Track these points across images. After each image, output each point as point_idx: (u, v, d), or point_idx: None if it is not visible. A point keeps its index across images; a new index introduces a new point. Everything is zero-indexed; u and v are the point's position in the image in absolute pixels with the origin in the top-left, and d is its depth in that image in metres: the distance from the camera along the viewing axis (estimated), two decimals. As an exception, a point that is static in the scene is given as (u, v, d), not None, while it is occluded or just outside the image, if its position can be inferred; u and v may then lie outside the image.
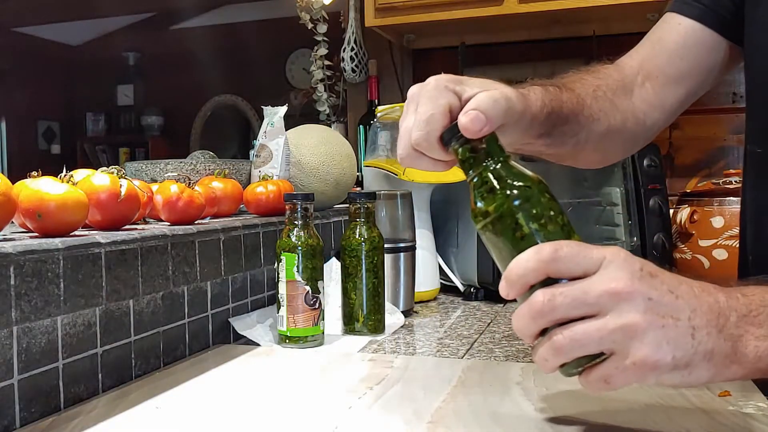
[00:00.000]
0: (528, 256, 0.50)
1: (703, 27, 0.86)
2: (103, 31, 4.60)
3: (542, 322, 0.50)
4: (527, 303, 0.50)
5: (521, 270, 0.50)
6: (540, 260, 0.50)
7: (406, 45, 2.38)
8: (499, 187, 0.55)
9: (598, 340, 0.48)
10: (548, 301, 0.49)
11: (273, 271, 1.02)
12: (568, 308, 0.49)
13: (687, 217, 1.46)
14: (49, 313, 0.66)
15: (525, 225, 0.53)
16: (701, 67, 0.87)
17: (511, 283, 0.51)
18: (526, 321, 0.50)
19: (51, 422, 0.66)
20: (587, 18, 2.13)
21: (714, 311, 0.50)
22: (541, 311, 0.49)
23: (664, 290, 0.49)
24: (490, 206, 0.54)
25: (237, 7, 4.14)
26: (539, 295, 0.49)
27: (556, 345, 0.49)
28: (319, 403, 0.70)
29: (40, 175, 0.82)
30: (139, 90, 4.69)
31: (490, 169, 0.56)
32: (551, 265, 0.49)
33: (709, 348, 0.49)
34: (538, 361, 0.52)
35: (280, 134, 1.19)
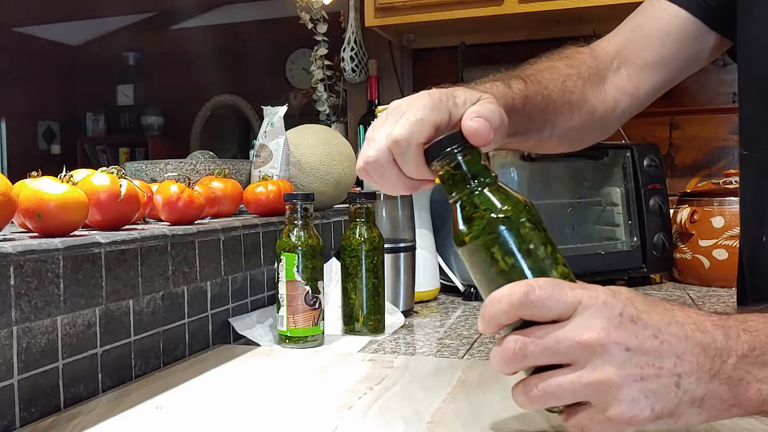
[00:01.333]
0: (500, 297, 0.48)
1: (688, 15, 0.84)
2: (103, 31, 4.59)
3: (515, 367, 0.49)
4: (501, 347, 0.48)
5: (493, 311, 0.48)
6: (511, 303, 0.47)
7: (406, 45, 2.38)
8: (476, 216, 0.52)
9: (572, 393, 0.47)
10: (519, 350, 0.47)
11: (273, 271, 1.02)
12: (540, 357, 0.47)
13: (687, 217, 1.46)
14: (49, 313, 0.66)
15: (501, 260, 0.50)
16: (682, 56, 0.85)
17: (486, 323, 0.50)
18: (500, 363, 0.49)
19: (51, 422, 0.66)
20: (587, 18, 2.13)
21: (708, 353, 0.46)
22: (513, 358, 0.48)
23: (646, 336, 0.46)
24: (467, 236, 0.52)
25: (237, 7, 4.13)
26: (510, 341, 0.48)
27: (530, 394, 0.48)
28: (319, 403, 0.70)
29: (40, 175, 0.82)
30: (139, 90, 4.69)
31: (472, 193, 0.53)
32: (522, 309, 0.47)
33: (698, 395, 0.46)
34: (516, 403, 0.50)
35: (280, 134, 1.19)
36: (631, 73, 0.85)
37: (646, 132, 2.02)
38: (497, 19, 2.03)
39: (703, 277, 1.45)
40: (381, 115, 0.60)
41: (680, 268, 1.49)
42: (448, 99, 0.57)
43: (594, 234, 1.54)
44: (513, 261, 0.50)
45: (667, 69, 0.86)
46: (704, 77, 2.01)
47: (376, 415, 0.66)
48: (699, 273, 1.45)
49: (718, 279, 1.42)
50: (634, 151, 1.50)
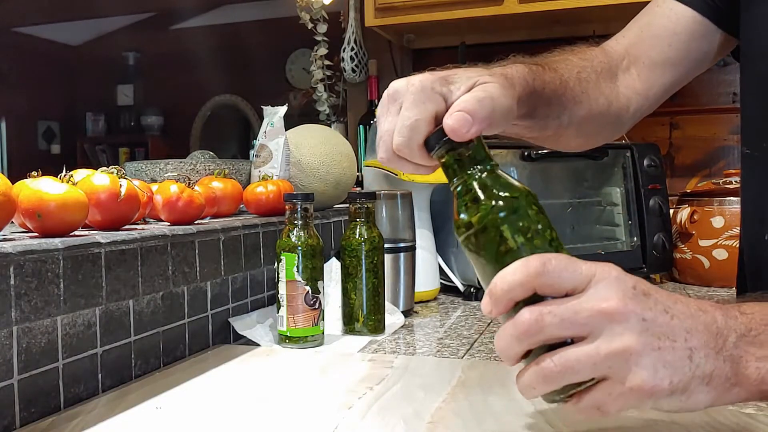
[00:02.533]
0: (514, 269, 0.47)
1: (695, 14, 0.84)
2: (103, 31, 4.59)
3: (528, 342, 0.47)
4: (512, 322, 0.47)
5: (507, 285, 0.47)
6: (527, 274, 0.46)
7: (406, 45, 2.38)
8: (484, 197, 0.52)
9: (592, 366, 0.46)
10: (535, 321, 0.46)
11: (273, 271, 1.02)
12: (557, 329, 0.46)
13: (687, 217, 1.46)
14: (49, 313, 0.66)
15: (510, 238, 0.50)
16: (690, 55, 0.85)
17: (496, 299, 0.48)
18: (511, 341, 0.47)
19: (51, 422, 0.66)
20: (587, 18, 2.13)
21: (711, 331, 0.48)
22: (527, 331, 0.46)
23: (659, 310, 0.47)
24: (474, 217, 0.51)
25: (237, 7, 4.13)
26: (525, 313, 0.46)
27: (545, 371, 0.46)
28: (319, 403, 0.70)
29: (40, 175, 0.82)
30: (139, 90, 4.69)
31: (475, 177, 0.53)
32: (539, 279, 0.46)
33: (707, 371, 0.47)
34: (522, 389, 0.49)
35: (280, 134, 1.19)
36: (640, 72, 0.85)
37: (646, 132, 2.02)
38: (497, 19, 2.03)
39: (703, 277, 1.45)
40: (383, 101, 0.62)
41: (680, 268, 1.49)
42: (442, 85, 0.57)
43: (594, 234, 1.54)
44: (522, 240, 0.50)
45: (676, 68, 0.86)
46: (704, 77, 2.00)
47: (376, 415, 0.66)
48: (699, 273, 1.45)
49: (718, 279, 1.42)
50: (634, 151, 1.50)
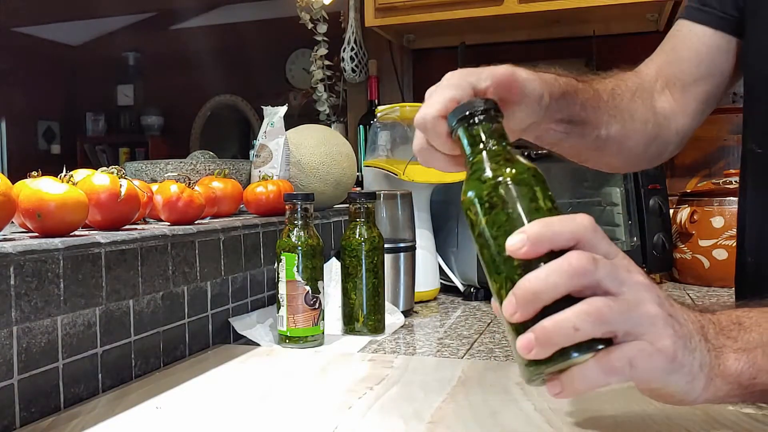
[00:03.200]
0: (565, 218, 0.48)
1: (715, 31, 0.86)
2: (103, 31, 4.59)
3: (581, 281, 0.46)
4: (564, 262, 0.46)
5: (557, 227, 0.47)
6: (578, 224, 0.47)
7: (406, 45, 2.38)
8: (517, 159, 0.52)
9: (635, 320, 0.47)
10: (593, 261, 0.46)
11: (273, 271, 1.02)
12: (606, 276, 0.46)
13: (687, 217, 1.46)
14: (49, 313, 0.66)
15: (542, 200, 0.51)
16: (718, 70, 0.88)
17: (536, 241, 0.47)
18: (558, 278, 0.46)
19: (51, 422, 0.66)
20: (587, 18, 2.13)
21: (696, 323, 0.51)
22: (585, 270, 0.46)
23: (663, 296, 0.50)
24: (510, 174, 0.51)
25: (237, 7, 4.14)
26: (580, 255, 0.46)
27: (598, 310, 0.45)
28: (319, 403, 0.70)
29: (40, 175, 0.82)
30: (139, 90, 4.69)
31: (502, 145, 0.54)
32: (586, 233, 0.48)
33: (701, 356, 0.49)
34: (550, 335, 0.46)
35: (280, 134, 1.19)
36: (674, 93, 0.88)
37: (646, 132, 2.02)
38: (497, 19, 2.03)
39: (702, 277, 1.45)
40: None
41: (680, 268, 1.49)
42: (471, 74, 0.59)
43: (594, 234, 1.54)
44: (550, 204, 0.51)
45: (708, 83, 0.88)
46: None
47: (376, 415, 0.66)
48: (699, 273, 1.45)
49: (718, 279, 1.42)
50: (634, 151, 1.50)
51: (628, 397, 0.68)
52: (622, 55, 2.40)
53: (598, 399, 0.67)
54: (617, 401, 0.67)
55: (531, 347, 0.46)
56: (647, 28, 2.21)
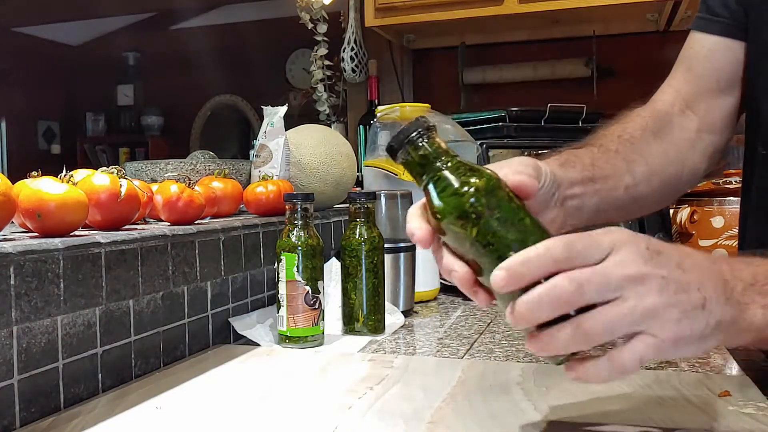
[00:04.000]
0: (539, 254, 0.49)
1: (727, 39, 0.86)
2: (103, 31, 4.60)
3: (564, 308, 0.49)
4: (549, 288, 0.48)
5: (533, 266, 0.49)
6: (554, 260, 0.49)
7: (406, 45, 2.38)
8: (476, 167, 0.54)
9: (629, 323, 0.48)
10: (576, 289, 0.48)
11: (273, 271, 1.02)
12: (594, 294, 0.48)
13: (687, 217, 1.46)
14: (49, 313, 0.66)
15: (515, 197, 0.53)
16: (736, 79, 0.87)
17: (517, 278, 0.49)
18: (546, 307, 0.49)
19: (51, 422, 0.66)
20: (587, 18, 2.13)
21: (720, 281, 0.51)
22: (568, 299, 0.48)
23: (672, 266, 0.50)
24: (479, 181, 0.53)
25: (237, 7, 4.14)
26: (564, 281, 0.48)
27: (587, 329, 0.48)
28: (319, 403, 0.70)
29: (40, 175, 0.82)
30: (139, 90, 4.69)
31: (456, 158, 0.56)
32: (568, 263, 0.49)
33: (718, 317, 0.50)
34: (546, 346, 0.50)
35: (280, 134, 1.19)
36: (697, 111, 0.87)
37: (646, 132, 2.01)
38: (497, 19, 2.03)
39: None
40: None
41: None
42: None
43: (594, 234, 1.54)
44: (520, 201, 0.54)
45: (730, 95, 0.88)
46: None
47: (376, 415, 0.66)
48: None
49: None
50: (634, 151, 1.50)
51: (629, 396, 0.68)
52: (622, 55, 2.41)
53: (598, 399, 0.67)
54: (618, 400, 0.67)
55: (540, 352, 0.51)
56: (647, 28, 2.21)
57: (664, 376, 0.76)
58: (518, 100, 1.74)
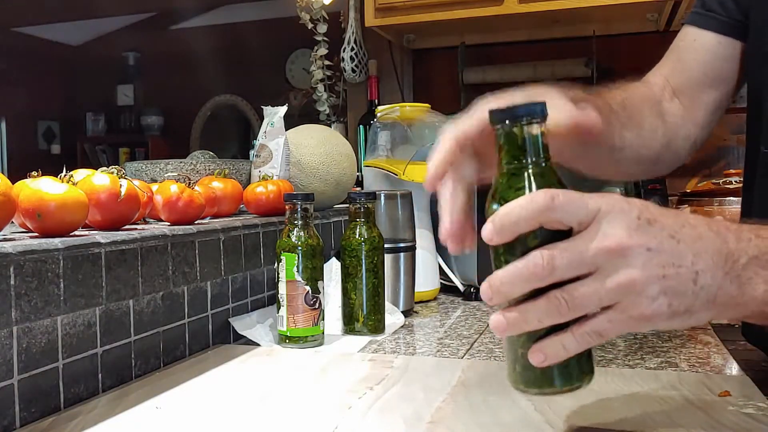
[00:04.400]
0: (521, 203, 0.48)
1: (720, 36, 0.86)
2: (103, 31, 4.59)
3: (537, 284, 0.48)
4: (523, 265, 0.48)
5: (515, 216, 0.48)
6: (535, 209, 0.47)
7: (406, 45, 2.38)
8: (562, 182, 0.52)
9: (598, 300, 0.48)
10: (548, 264, 0.47)
11: (273, 271, 1.02)
12: (567, 270, 0.47)
13: (687, 217, 1.47)
14: (49, 313, 0.66)
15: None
16: (725, 76, 0.88)
17: (500, 228, 0.48)
18: (519, 282, 0.48)
19: (51, 422, 0.66)
20: (587, 18, 2.13)
21: (722, 253, 0.49)
22: (539, 273, 0.47)
23: (663, 236, 0.48)
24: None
25: (237, 7, 4.13)
26: (537, 257, 0.47)
27: (556, 306, 0.48)
28: (319, 403, 0.70)
29: (40, 175, 0.82)
30: (139, 90, 4.69)
31: (549, 161, 0.52)
32: (546, 214, 0.47)
33: (713, 292, 0.49)
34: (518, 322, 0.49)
35: (280, 134, 1.19)
36: (683, 101, 0.88)
37: (646, 132, 2.02)
38: (497, 19, 2.03)
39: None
40: None
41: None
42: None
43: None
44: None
45: (715, 91, 0.88)
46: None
47: (376, 415, 0.66)
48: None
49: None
50: (634, 151, 1.50)
51: (629, 396, 0.68)
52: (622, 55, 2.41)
53: (598, 398, 0.67)
54: (618, 400, 0.67)
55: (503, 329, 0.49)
56: (647, 28, 2.21)
57: (664, 376, 0.76)
58: (518, 100, 1.73)
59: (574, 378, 0.50)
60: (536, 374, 0.50)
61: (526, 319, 0.48)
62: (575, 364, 0.50)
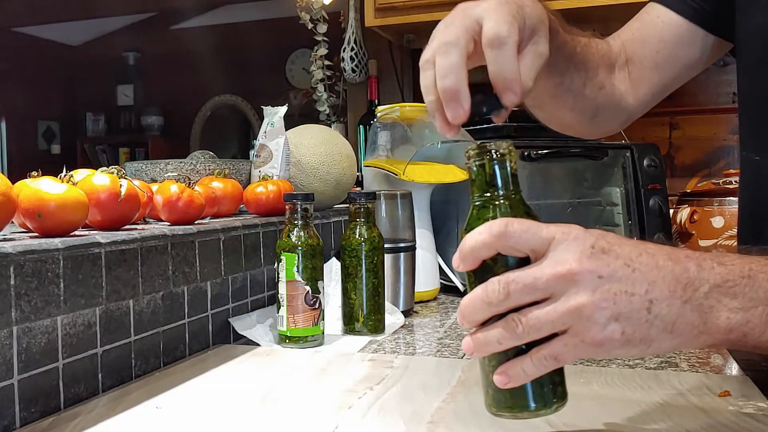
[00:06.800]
0: (480, 230, 0.50)
1: (683, 20, 0.86)
2: (103, 31, 4.59)
3: (495, 309, 0.50)
4: (482, 291, 0.50)
5: (473, 243, 0.50)
6: (491, 235, 0.50)
7: (406, 45, 2.38)
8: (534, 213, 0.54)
9: (550, 324, 0.49)
10: (503, 289, 0.49)
11: (273, 271, 1.02)
12: (521, 295, 0.49)
13: (687, 217, 1.46)
14: (49, 313, 0.66)
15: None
16: (678, 60, 0.87)
17: (463, 257, 0.51)
18: (479, 308, 0.50)
19: (51, 422, 0.66)
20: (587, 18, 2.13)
21: (680, 281, 0.49)
22: (495, 299, 0.49)
23: (618, 264, 0.49)
24: None
25: (237, 7, 4.13)
26: (494, 283, 0.50)
27: (512, 328, 0.49)
28: (320, 403, 0.70)
29: (40, 175, 0.82)
30: (139, 90, 4.69)
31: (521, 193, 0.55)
32: (501, 240, 0.49)
33: (669, 320, 0.49)
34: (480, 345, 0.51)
35: (280, 134, 1.19)
36: (631, 72, 0.88)
37: (646, 132, 2.02)
38: (497, 19, 2.03)
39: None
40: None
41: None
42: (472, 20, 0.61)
43: (594, 234, 1.54)
44: None
45: (665, 72, 0.88)
46: (704, 77, 2.01)
47: (376, 415, 0.66)
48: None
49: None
50: (634, 151, 1.50)
51: (629, 396, 0.68)
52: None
53: (598, 398, 0.67)
54: (618, 401, 0.67)
55: (471, 350, 0.52)
56: (647, 28, 2.21)
57: (664, 376, 0.76)
58: (518, 100, 1.74)
59: (546, 402, 0.52)
60: (507, 398, 0.52)
61: (487, 340, 0.50)
62: (548, 389, 0.52)
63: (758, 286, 0.50)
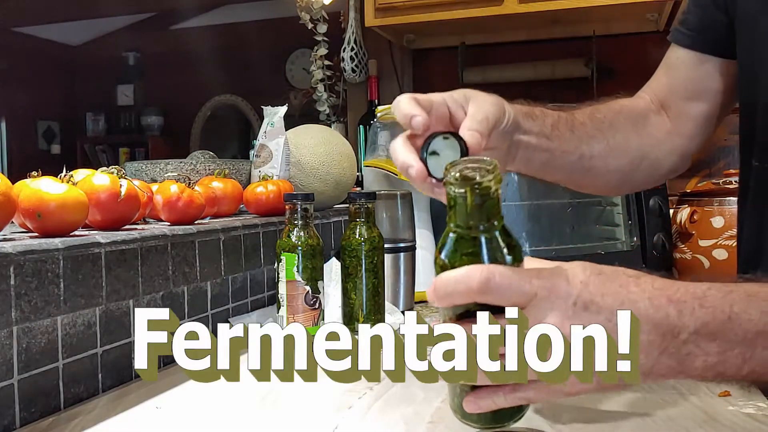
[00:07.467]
0: (459, 278, 0.49)
1: (699, 53, 0.87)
2: (103, 31, 4.60)
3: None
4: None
5: (452, 290, 0.50)
6: (469, 287, 0.49)
7: (406, 45, 2.38)
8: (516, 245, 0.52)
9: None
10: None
11: (273, 271, 1.02)
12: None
13: (687, 217, 1.46)
14: (49, 313, 0.66)
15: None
16: (710, 91, 0.88)
17: (439, 297, 0.51)
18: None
19: (51, 422, 0.66)
20: (587, 18, 2.13)
21: (659, 330, 0.50)
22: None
23: (599, 320, 0.48)
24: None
25: (237, 7, 4.14)
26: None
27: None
28: (319, 403, 0.70)
29: (40, 175, 0.82)
30: (139, 90, 4.69)
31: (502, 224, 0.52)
32: (481, 294, 0.49)
33: (646, 368, 0.50)
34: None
35: (280, 134, 1.19)
36: (670, 115, 0.90)
37: (646, 132, 2.02)
38: (497, 19, 2.03)
39: (703, 278, 1.44)
40: None
41: (680, 268, 1.49)
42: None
43: (594, 234, 1.54)
44: None
45: (702, 102, 0.89)
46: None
47: (376, 415, 0.66)
48: (699, 273, 1.44)
49: (718, 279, 1.41)
50: (634, 151, 1.50)
51: (629, 396, 0.68)
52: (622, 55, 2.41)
53: (597, 398, 0.67)
54: (617, 401, 0.67)
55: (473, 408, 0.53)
56: (647, 28, 2.21)
57: (664, 376, 0.76)
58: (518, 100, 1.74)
59: (513, 416, 0.55)
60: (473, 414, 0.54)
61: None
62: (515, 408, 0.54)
63: (737, 327, 0.50)
